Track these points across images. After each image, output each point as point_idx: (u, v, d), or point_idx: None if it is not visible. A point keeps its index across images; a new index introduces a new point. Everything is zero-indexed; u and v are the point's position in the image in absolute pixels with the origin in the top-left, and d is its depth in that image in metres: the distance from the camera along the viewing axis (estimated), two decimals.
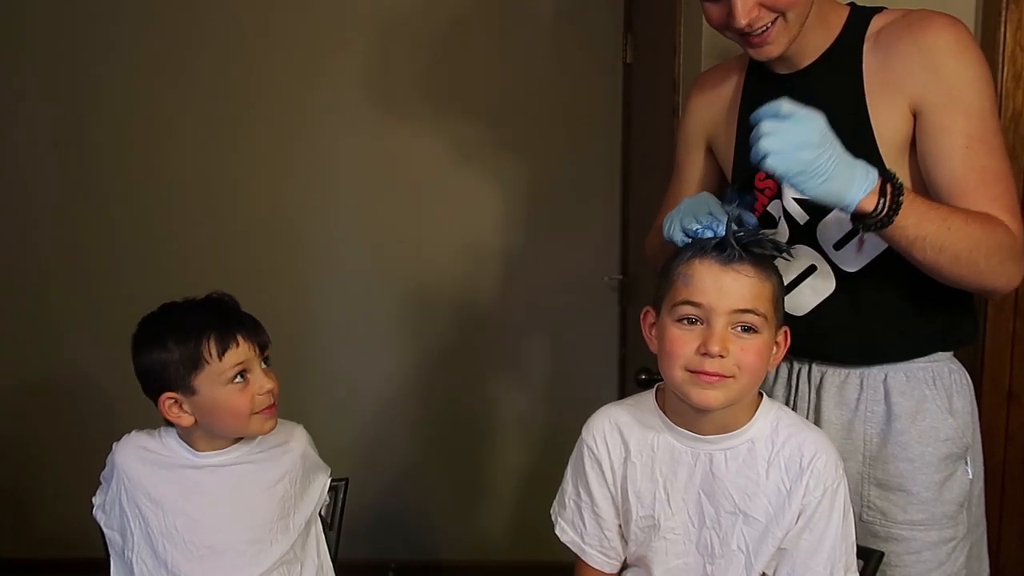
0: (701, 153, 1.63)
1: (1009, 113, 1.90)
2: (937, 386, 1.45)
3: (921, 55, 1.36)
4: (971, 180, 1.33)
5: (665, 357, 1.28)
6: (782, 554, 1.32)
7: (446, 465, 3.03)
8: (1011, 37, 1.87)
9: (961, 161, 1.34)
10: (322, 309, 2.92)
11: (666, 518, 1.36)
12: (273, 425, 1.50)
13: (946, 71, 1.35)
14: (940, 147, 1.35)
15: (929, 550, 1.45)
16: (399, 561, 3.00)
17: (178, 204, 2.88)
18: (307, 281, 2.92)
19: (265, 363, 1.49)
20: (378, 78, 2.83)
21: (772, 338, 1.28)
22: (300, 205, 2.89)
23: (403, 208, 2.89)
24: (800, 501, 1.30)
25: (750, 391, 1.30)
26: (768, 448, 1.32)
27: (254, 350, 1.47)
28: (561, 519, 1.46)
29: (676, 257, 1.30)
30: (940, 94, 1.35)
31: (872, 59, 1.40)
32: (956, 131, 1.35)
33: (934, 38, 1.36)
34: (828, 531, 1.30)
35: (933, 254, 1.28)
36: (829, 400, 1.48)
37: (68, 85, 2.84)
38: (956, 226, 1.28)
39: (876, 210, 1.24)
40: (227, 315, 1.48)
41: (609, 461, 1.39)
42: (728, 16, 1.35)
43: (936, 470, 1.44)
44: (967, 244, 1.28)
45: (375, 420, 2.98)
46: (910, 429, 1.44)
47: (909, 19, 1.40)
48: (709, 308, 1.24)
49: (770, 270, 1.28)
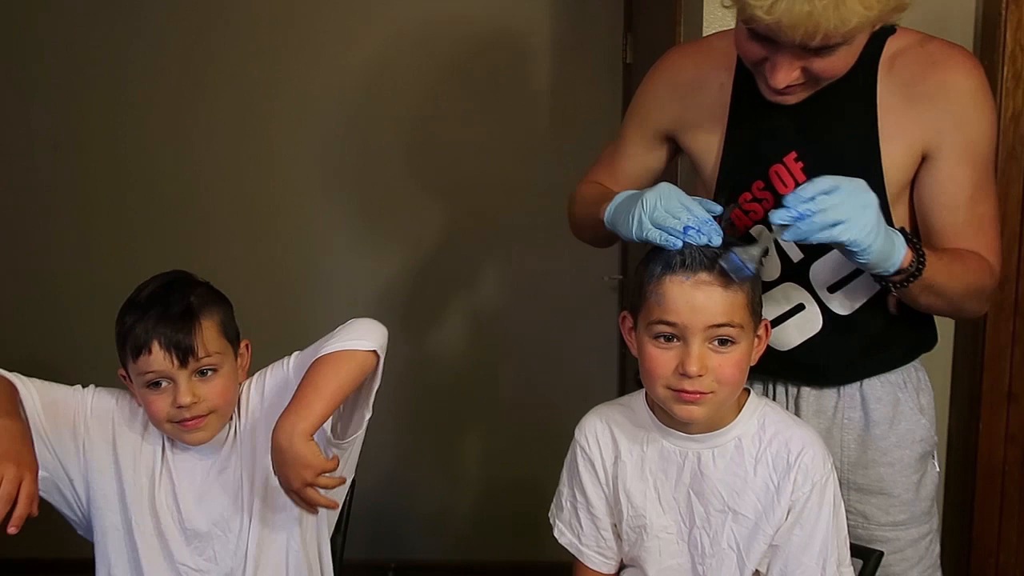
0: (656, 142, 1.54)
1: (1009, 113, 1.90)
2: (907, 388, 1.48)
3: (945, 102, 1.34)
4: (971, 230, 1.37)
5: (646, 374, 1.29)
6: (774, 550, 1.32)
7: (446, 465, 3.02)
8: (1011, 37, 1.88)
9: (965, 211, 1.37)
10: (320, 309, 2.92)
11: (657, 517, 1.36)
12: (199, 438, 1.40)
13: (966, 122, 1.35)
14: (946, 195, 1.37)
15: (911, 547, 1.49)
16: (399, 561, 3.00)
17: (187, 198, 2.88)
18: (303, 279, 2.92)
19: (202, 374, 1.38)
20: (378, 77, 2.82)
21: (751, 343, 1.28)
22: (297, 198, 2.89)
23: (402, 208, 2.89)
24: (789, 497, 1.30)
25: (732, 398, 1.31)
26: (755, 445, 1.32)
27: (172, 361, 1.35)
28: (559, 521, 1.46)
29: (646, 269, 1.27)
30: (957, 144, 1.35)
31: (888, 91, 1.36)
32: (965, 182, 1.37)
33: (961, 86, 1.34)
34: (819, 526, 1.30)
35: (934, 298, 1.33)
36: (807, 409, 1.49)
37: (69, 85, 2.84)
38: (957, 274, 1.33)
39: (911, 266, 1.26)
40: (165, 311, 1.36)
41: (601, 460, 1.39)
42: (764, 65, 1.28)
43: (914, 471, 1.48)
44: (962, 289, 1.34)
45: (374, 420, 2.97)
46: (888, 435, 1.47)
47: (931, 53, 1.36)
48: (684, 327, 1.23)
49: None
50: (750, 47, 1.27)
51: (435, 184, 2.88)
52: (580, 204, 1.59)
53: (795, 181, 1.36)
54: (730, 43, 1.41)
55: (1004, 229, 1.92)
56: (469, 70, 2.83)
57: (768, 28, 1.18)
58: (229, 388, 1.42)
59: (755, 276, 1.25)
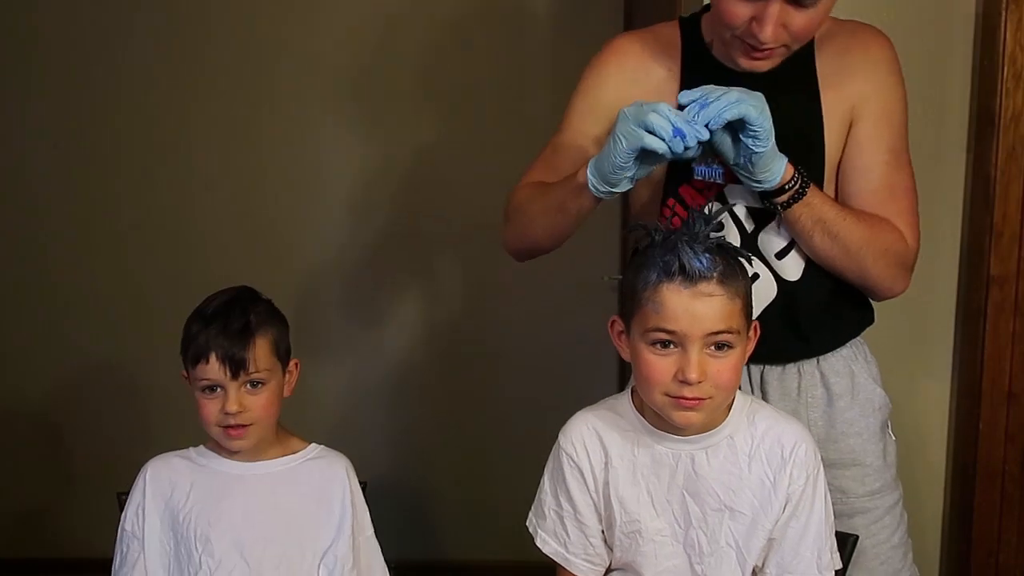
0: (601, 132, 1.53)
1: (1009, 113, 1.90)
2: (859, 360, 1.54)
3: (867, 67, 1.45)
4: (882, 193, 1.44)
5: (643, 381, 1.29)
6: (771, 544, 1.34)
7: (446, 465, 3.02)
8: (1011, 37, 1.88)
9: (879, 174, 1.44)
10: (315, 310, 2.91)
11: (651, 520, 1.35)
12: (240, 445, 1.53)
13: (885, 88, 1.45)
14: (864, 158, 1.45)
15: (888, 514, 1.55)
16: (399, 561, 2.99)
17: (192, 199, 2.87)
18: (303, 280, 2.92)
19: (252, 385, 1.50)
20: (376, 77, 2.82)
21: (745, 345, 1.30)
22: (299, 201, 2.89)
23: (400, 207, 2.89)
24: (785, 491, 1.32)
25: (728, 401, 1.33)
26: (748, 442, 1.33)
27: (226, 372, 1.47)
28: (542, 530, 1.43)
29: (639, 274, 1.27)
30: (875, 109, 1.44)
31: (825, 65, 1.45)
32: (882, 145, 1.44)
33: (879, 52, 1.46)
34: (813, 517, 1.33)
35: (828, 241, 1.38)
36: (773, 392, 1.52)
37: (69, 85, 2.84)
38: (850, 220, 1.39)
39: (792, 180, 1.32)
40: (225, 326, 1.49)
41: (590, 467, 1.38)
42: (751, 23, 1.32)
43: (879, 439, 1.55)
44: (857, 239, 1.39)
45: (374, 420, 2.98)
46: (852, 406, 1.53)
47: (852, 30, 1.48)
48: (682, 335, 1.23)
49: (738, 282, 1.26)
50: (737, 8, 1.32)
51: (433, 182, 2.88)
52: (530, 201, 1.58)
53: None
54: (676, 32, 1.50)
55: (1004, 229, 1.93)
56: (467, 69, 2.83)
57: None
58: (273, 403, 1.54)
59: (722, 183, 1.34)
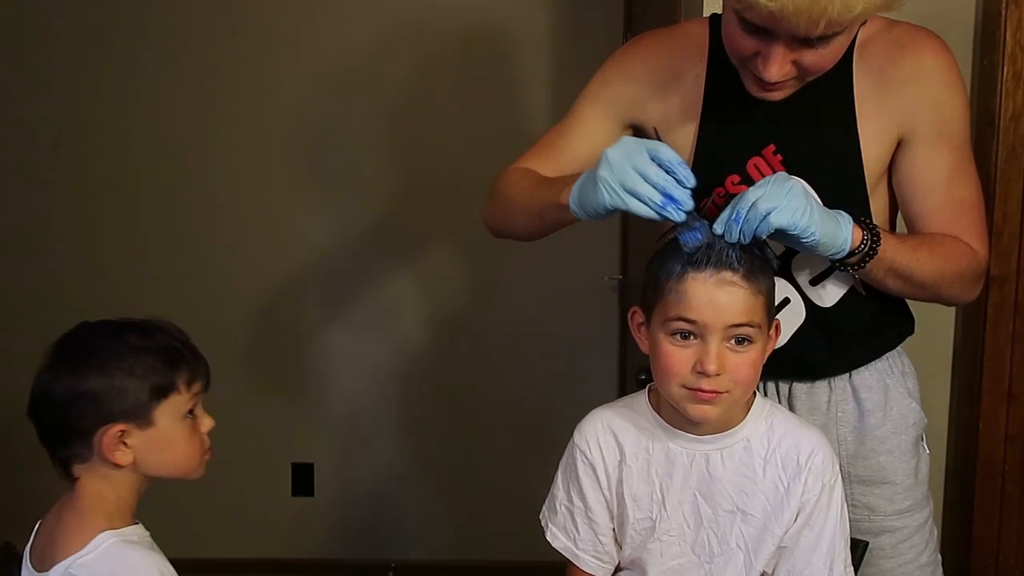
0: (617, 125, 1.47)
1: (1009, 113, 1.90)
2: (894, 373, 1.49)
3: (917, 85, 1.35)
4: (948, 212, 1.37)
5: (661, 372, 1.27)
6: (782, 552, 1.32)
7: (446, 465, 3.02)
8: (1011, 37, 1.88)
9: (943, 193, 1.37)
10: (317, 309, 2.92)
11: (662, 520, 1.35)
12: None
13: (939, 103, 1.36)
14: (924, 179, 1.38)
15: (917, 533, 1.50)
16: (399, 561, 3.00)
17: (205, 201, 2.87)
18: (299, 283, 2.92)
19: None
20: (374, 78, 2.83)
21: (766, 343, 1.28)
22: (289, 206, 2.89)
23: (399, 207, 2.89)
24: (799, 499, 1.30)
25: (745, 398, 1.31)
26: (764, 446, 1.32)
27: (202, 387, 1.34)
28: (552, 525, 1.43)
29: (663, 265, 1.25)
30: (932, 126, 1.36)
31: (863, 78, 1.36)
32: (941, 164, 1.37)
33: (932, 67, 1.35)
34: (827, 527, 1.30)
35: (901, 283, 1.34)
36: (801, 407, 1.48)
37: (73, 88, 2.84)
38: (923, 258, 1.33)
39: (861, 245, 1.27)
40: (189, 344, 1.34)
41: (604, 465, 1.37)
42: (757, 59, 1.25)
43: (911, 456, 1.49)
44: (932, 274, 1.34)
45: (374, 420, 2.98)
46: (884, 423, 1.47)
47: (898, 37, 1.36)
48: (704, 325, 1.21)
49: (762, 278, 1.25)
50: (742, 41, 1.24)
51: (432, 185, 2.88)
52: (516, 191, 1.48)
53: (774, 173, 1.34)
54: (704, 31, 1.40)
55: (1004, 229, 1.93)
56: (467, 69, 2.83)
57: (768, 17, 1.16)
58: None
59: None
